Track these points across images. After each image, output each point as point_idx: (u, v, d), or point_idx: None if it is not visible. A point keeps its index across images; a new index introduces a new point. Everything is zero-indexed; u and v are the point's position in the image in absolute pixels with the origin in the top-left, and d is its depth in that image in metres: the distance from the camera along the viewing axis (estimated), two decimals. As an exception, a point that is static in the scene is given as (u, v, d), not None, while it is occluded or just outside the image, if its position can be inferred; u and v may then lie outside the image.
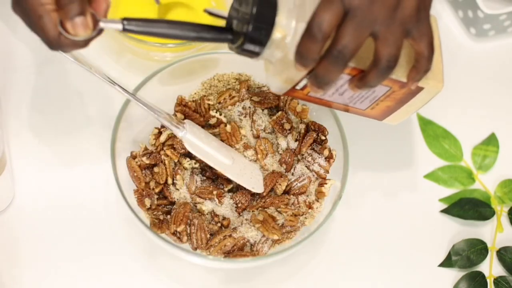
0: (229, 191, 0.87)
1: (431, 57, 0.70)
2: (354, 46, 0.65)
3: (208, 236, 0.83)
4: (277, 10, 0.68)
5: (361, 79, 0.70)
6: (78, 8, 0.65)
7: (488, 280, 0.89)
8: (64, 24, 0.65)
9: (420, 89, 0.76)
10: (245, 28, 0.68)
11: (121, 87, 0.81)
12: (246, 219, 0.85)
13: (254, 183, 0.86)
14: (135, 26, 0.68)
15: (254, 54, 0.70)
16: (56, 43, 0.67)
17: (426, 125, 1.00)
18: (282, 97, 0.91)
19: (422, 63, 0.70)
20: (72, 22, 0.65)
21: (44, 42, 0.68)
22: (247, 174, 0.86)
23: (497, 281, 0.89)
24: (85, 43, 0.68)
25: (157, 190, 0.86)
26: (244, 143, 0.89)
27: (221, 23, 0.73)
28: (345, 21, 0.64)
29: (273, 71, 0.73)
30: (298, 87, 0.72)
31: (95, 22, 0.67)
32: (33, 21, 0.66)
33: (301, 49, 0.66)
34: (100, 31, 0.68)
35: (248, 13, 0.68)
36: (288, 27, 0.68)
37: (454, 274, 0.90)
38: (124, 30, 0.68)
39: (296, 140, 0.90)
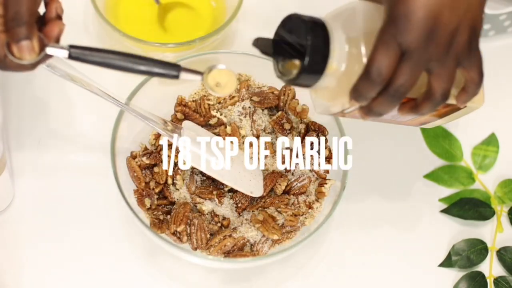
0: (229, 191, 0.87)
1: (481, 83, 0.71)
2: (410, 84, 0.66)
3: (208, 236, 0.83)
4: (330, 37, 0.68)
5: (413, 107, 0.71)
6: (25, 31, 0.64)
7: (488, 280, 0.89)
8: (10, 46, 0.65)
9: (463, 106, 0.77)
10: (299, 60, 0.67)
11: (115, 99, 0.80)
12: (246, 219, 0.85)
13: (254, 185, 0.86)
14: (81, 54, 0.66)
15: (308, 86, 0.70)
16: (1, 64, 0.67)
17: (426, 125, 1.00)
18: (282, 97, 0.91)
19: (473, 89, 0.71)
20: (18, 45, 0.64)
21: None
22: (247, 176, 0.86)
23: (497, 281, 0.89)
24: (32, 66, 0.67)
25: (157, 190, 0.86)
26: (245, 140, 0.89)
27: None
28: (402, 61, 0.65)
29: (322, 96, 0.73)
30: (347, 111, 0.73)
31: (42, 46, 0.66)
32: None
33: (358, 88, 0.67)
34: (48, 55, 0.66)
35: (301, 43, 0.67)
36: (342, 54, 0.68)
37: (454, 274, 0.90)
38: (70, 57, 0.66)
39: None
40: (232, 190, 0.87)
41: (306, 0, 1.09)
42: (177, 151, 0.86)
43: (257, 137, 0.90)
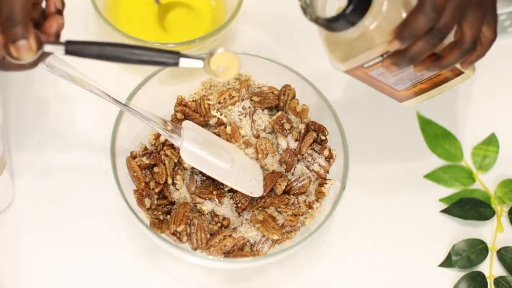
0: (229, 191, 0.87)
1: (493, 43, 0.76)
2: (451, 25, 0.70)
3: (208, 236, 0.83)
4: None
5: (435, 60, 0.73)
6: (21, 31, 0.64)
7: (488, 280, 0.89)
8: (7, 47, 0.64)
9: (459, 74, 0.79)
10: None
11: (115, 99, 0.80)
12: (246, 219, 0.85)
13: (254, 185, 0.86)
14: (78, 48, 0.66)
15: (347, 26, 0.71)
16: (1, 65, 0.67)
17: (426, 125, 1.00)
18: (282, 97, 0.91)
19: (485, 48, 0.75)
20: (15, 45, 0.64)
21: None
22: (247, 176, 0.86)
23: (497, 281, 0.89)
24: (31, 65, 0.67)
25: (157, 190, 0.86)
26: (245, 139, 0.89)
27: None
28: (448, 2, 0.69)
29: (344, 48, 0.73)
30: (366, 65, 0.74)
31: (40, 44, 0.65)
32: None
33: (410, 24, 0.69)
34: (47, 53, 0.66)
35: None
36: None
37: (454, 274, 0.90)
38: (67, 53, 0.66)
39: (296, 140, 0.90)
40: (232, 190, 0.87)
41: (306, 0, 1.09)
42: (177, 151, 0.86)
43: (257, 137, 0.90)
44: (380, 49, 0.72)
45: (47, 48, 0.66)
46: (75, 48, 0.66)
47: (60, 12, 0.69)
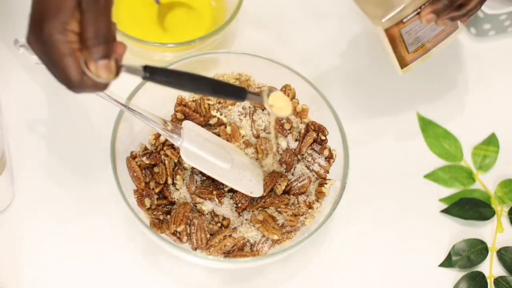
0: (229, 191, 0.87)
1: None
2: None
3: (208, 236, 0.83)
4: None
5: (461, 7, 0.82)
6: (104, 50, 0.64)
7: (488, 280, 0.89)
8: (88, 65, 0.64)
9: (453, 30, 0.90)
10: None
11: (115, 99, 0.80)
12: (246, 219, 0.85)
13: (253, 186, 0.86)
14: (156, 76, 0.68)
15: None
16: (78, 84, 0.66)
17: (426, 125, 1.00)
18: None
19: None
20: (97, 64, 0.64)
21: (62, 82, 0.66)
22: (247, 176, 0.86)
23: (497, 281, 0.89)
24: (105, 86, 0.67)
25: (157, 190, 0.86)
26: (245, 139, 0.89)
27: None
28: None
29: (386, 6, 0.82)
30: (405, 20, 0.83)
31: (118, 66, 0.66)
32: (55, 59, 0.65)
33: None
34: (120, 73, 0.67)
35: None
36: None
37: (454, 274, 0.90)
38: (145, 78, 0.67)
39: (296, 140, 0.90)
40: (232, 190, 0.87)
41: (306, 0, 1.09)
42: (177, 151, 0.86)
43: (257, 137, 0.90)
44: (419, 1, 0.82)
45: (125, 70, 0.66)
46: (152, 75, 0.67)
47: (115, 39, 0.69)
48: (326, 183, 0.87)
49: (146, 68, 0.67)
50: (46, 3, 0.64)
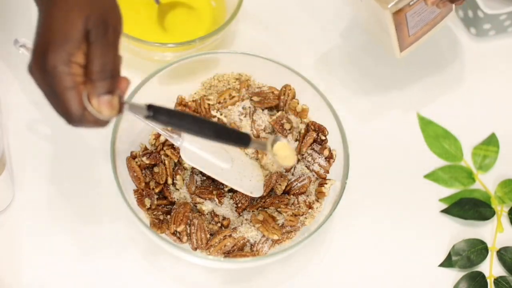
0: (229, 191, 0.87)
1: None
2: None
3: (208, 236, 0.83)
4: None
5: None
6: (109, 85, 0.62)
7: (488, 280, 0.89)
8: (90, 99, 0.62)
9: (447, 13, 0.93)
10: None
11: None
12: (246, 219, 0.85)
13: (253, 186, 0.86)
14: (159, 116, 0.66)
15: None
16: (78, 118, 0.63)
17: (426, 125, 1.00)
18: (282, 97, 0.91)
19: None
20: (100, 99, 0.62)
21: (62, 115, 0.64)
22: (247, 176, 0.86)
23: (497, 281, 0.89)
24: (106, 122, 0.64)
25: (157, 190, 0.86)
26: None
27: None
28: None
29: None
30: (411, 3, 0.85)
31: (121, 104, 0.64)
32: (56, 91, 0.62)
33: None
34: (122, 111, 0.65)
35: None
36: None
37: (454, 274, 0.90)
38: (148, 118, 0.66)
39: (296, 140, 0.90)
40: (232, 190, 0.87)
41: (306, 0, 1.09)
42: (177, 151, 0.86)
43: (257, 137, 0.90)
44: None
45: (128, 108, 0.64)
46: (156, 114, 0.66)
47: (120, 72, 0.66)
48: (326, 183, 0.87)
49: (150, 107, 0.65)
50: (53, 31, 0.61)
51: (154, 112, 0.66)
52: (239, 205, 0.86)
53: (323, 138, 0.89)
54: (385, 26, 0.89)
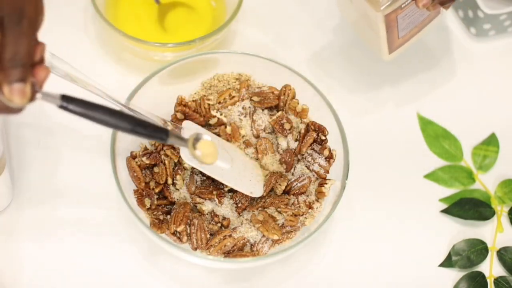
0: (229, 191, 0.87)
1: None
2: None
3: (208, 236, 0.83)
4: None
5: None
6: (20, 74, 0.61)
7: (488, 280, 0.89)
8: (1, 87, 0.61)
9: (436, 15, 0.93)
10: None
11: (115, 99, 0.80)
12: (246, 219, 0.85)
13: (254, 185, 0.86)
14: (73, 106, 0.65)
15: None
16: None
17: (426, 125, 1.00)
18: (282, 97, 0.91)
19: None
20: (11, 87, 0.61)
21: None
22: (247, 176, 0.86)
23: (497, 281, 0.89)
24: (18, 110, 0.64)
25: (157, 190, 0.86)
26: (245, 140, 0.89)
27: None
28: None
29: None
30: (403, 5, 0.86)
31: (33, 92, 0.63)
32: None
33: None
34: (34, 99, 0.64)
35: None
36: None
37: (454, 274, 0.90)
38: (61, 107, 0.65)
39: (296, 140, 0.90)
40: (232, 190, 0.87)
41: (306, 0, 1.09)
42: (177, 151, 0.86)
43: (257, 137, 0.90)
44: None
45: (41, 98, 0.64)
46: (69, 105, 0.64)
47: (42, 61, 0.65)
48: (326, 183, 0.87)
49: (64, 97, 0.64)
50: None
51: (68, 102, 0.65)
52: (239, 205, 0.86)
53: (323, 138, 0.89)
54: (375, 28, 0.89)
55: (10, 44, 0.61)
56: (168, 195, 0.86)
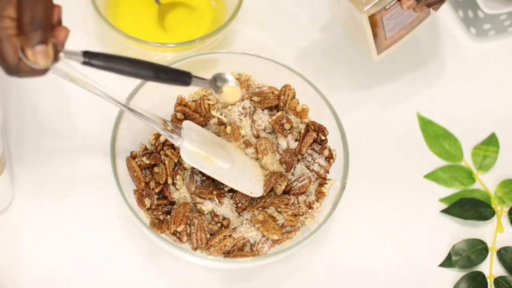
0: (229, 191, 0.87)
1: None
2: None
3: (208, 236, 0.83)
4: None
5: None
6: (41, 36, 0.64)
7: (488, 280, 0.89)
8: (25, 50, 0.64)
9: (425, 17, 0.93)
10: None
11: (115, 100, 0.80)
12: (246, 219, 0.85)
13: (253, 186, 0.86)
14: (96, 61, 0.67)
15: None
16: (15, 69, 0.66)
17: (426, 125, 1.00)
18: (282, 97, 0.91)
19: None
20: (34, 50, 0.64)
21: (1, 67, 0.66)
22: (247, 176, 0.86)
23: (497, 281, 0.89)
24: (44, 71, 0.67)
25: (157, 190, 0.86)
26: (245, 140, 0.89)
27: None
28: None
29: None
30: (387, 6, 0.85)
31: (56, 52, 0.65)
32: None
33: None
34: (58, 59, 0.66)
35: None
36: None
37: (454, 274, 0.90)
38: (84, 63, 0.67)
39: (296, 140, 0.90)
40: (232, 190, 0.87)
41: (306, 0, 1.09)
42: (177, 151, 0.86)
43: (257, 137, 0.90)
44: None
45: (64, 56, 0.66)
46: (92, 59, 0.66)
47: (60, 22, 0.68)
48: (326, 183, 0.87)
49: (86, 53, 0.66)
50: None
51: (90, 58, 0.67)
52: (239, 205, 0.86)
53: (323, 138, 0.89)
54: (362, 29, 0.89)
55: (28, 9, 0.64)
56: (168, 195, 0.86)
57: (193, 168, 0.87)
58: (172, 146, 0.87)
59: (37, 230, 0.88)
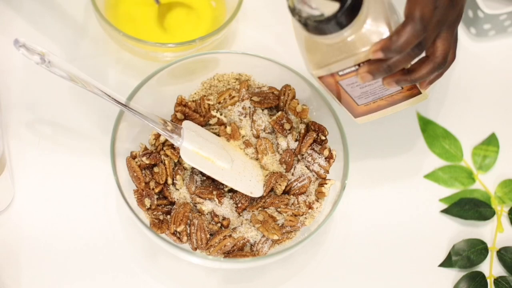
0: (229, 191, 0.87)
1: (451, 63, 0.78)
2: (432, 39, 0.72)
3: (208, 236, 0.83)
4: None
5: (407, 74, 0.74)
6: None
7: (488, 280, 0.89)
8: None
9: (416, 94, 0.80)
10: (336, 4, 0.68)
11: (115, 99, 0.80)
12: (246, 219, 0.85)
13: (253, 186, 0.86)
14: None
15: (336, 29, 0.70)
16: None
17: (426, 125, 1.00)
18: (282, 97, 0.91)
19: (446, 68, 0.77)
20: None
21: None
22: (247, 176, 0.86)
23: (497, 281, 0.89)
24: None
25: (157, 190, 0.86)
26: (245, 140, 0.89)
27: None
28: (433, 16, 0.71)
29: (322, 53, 0.74)
30: (341, 73, 0.75)
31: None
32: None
33: (399, 38, 0.69)
34: None
35: None
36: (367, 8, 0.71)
37: (454, 274, 0.90)
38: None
39: (296, 140, 0.90)
40: (232, 190, 0.87)
41: (306, 0, 1.09)
42: (177, 151, 0.86)
43: (257, 137, 0.90)
44: (358, 58, 0.72)
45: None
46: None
47: None
48: (326, 183, 0.87)
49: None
50: None
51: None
52: (239, 205, 0.86)
53: (323, 138, 0.89)
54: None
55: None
56: (168, 195, 0.86)
57: (193, 168, 0.87)
58: (172, 146, 0.87)
59: (37, 230, 0.88)
